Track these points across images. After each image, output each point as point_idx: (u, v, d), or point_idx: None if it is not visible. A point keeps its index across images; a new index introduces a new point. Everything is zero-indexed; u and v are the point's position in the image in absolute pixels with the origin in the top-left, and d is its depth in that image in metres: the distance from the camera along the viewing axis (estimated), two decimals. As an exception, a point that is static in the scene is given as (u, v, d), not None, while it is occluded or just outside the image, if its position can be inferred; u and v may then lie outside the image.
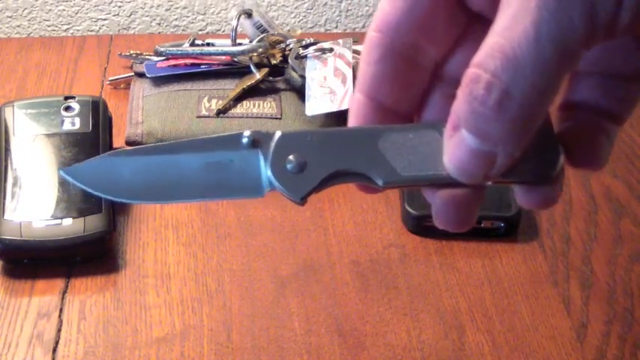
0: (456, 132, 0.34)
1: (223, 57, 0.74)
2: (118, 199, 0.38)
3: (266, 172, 0.37)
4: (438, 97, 0.39)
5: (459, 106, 0.33)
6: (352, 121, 0.39)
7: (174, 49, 0.74)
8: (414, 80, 0.38)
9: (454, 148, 0.34)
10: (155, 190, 0.38)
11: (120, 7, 0.91)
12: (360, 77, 0.38)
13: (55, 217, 0.59)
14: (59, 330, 0.55)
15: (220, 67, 0.74)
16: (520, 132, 0.33)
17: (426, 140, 0.36)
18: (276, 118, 0.70)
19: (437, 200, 0.37)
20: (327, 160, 0.37)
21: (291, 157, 0.36)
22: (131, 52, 0.78)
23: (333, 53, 0.73)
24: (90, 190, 0.38)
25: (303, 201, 0.37)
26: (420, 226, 0.63)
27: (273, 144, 0.37)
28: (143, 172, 0.37)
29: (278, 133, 0.37)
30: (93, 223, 0.59)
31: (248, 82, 0.72)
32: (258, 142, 0.37)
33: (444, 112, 0.35)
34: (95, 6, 0.91)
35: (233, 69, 0.74)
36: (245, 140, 0.37)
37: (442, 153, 0.36)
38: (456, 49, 0.39)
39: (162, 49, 0.74)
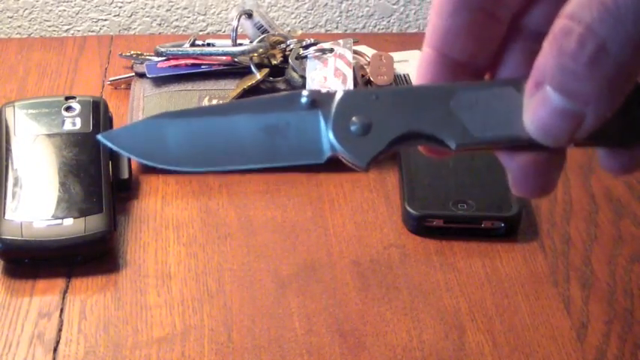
0: (540, 89, 0.31)
1: (224, 57, 0.74)
2: (166, 166, 0.35)
3: (327, 134, 0.34)
4: (516, 52, 0.36)
5: (545, 60, 0.31)
6: (420, 78, 0.36)
7: (175, 49, 0.75)
8: (490, 33, 0.35)
9: (537, 107, 0.32)
10: (205, 156, 0.35)
11: (120, 7, 0.91)
12: (431, 31, 0.35)
13: (55, 217, 0.59)
14: (60, 330, 0.55)
15: (221, 68, 0.74)
16: (614, 91, 0.30)
17: (503, 99, 0.33)
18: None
19: (514, 165, 0.35)
20: (394, 121, 0.34)
21: (354, 118, 0.34)
22: (132, 52, 0.78)
23: (333, 54, 0.73)
24: (134, 157, 0.35)
25: (368, 166, 0.34)
26: (421, 226, 0.63)
27: (334, 104, 0.34)
28: (192, 136, 0.35)
29: (340, 92, 0.34)
30: (94, 223, 0.59)
31: (248, 82, 0.72)
32: (317, 102, 0.34)
33: (523, 69, 0.33)
34: (96, 6, 0.91)
35: (233, 69, 0.74)
36: (304, 100, 0.34)
37: (522, 112, 0.33)
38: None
39: (162, 50, 0.75)
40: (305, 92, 0.34)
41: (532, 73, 0.32)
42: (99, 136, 0.36)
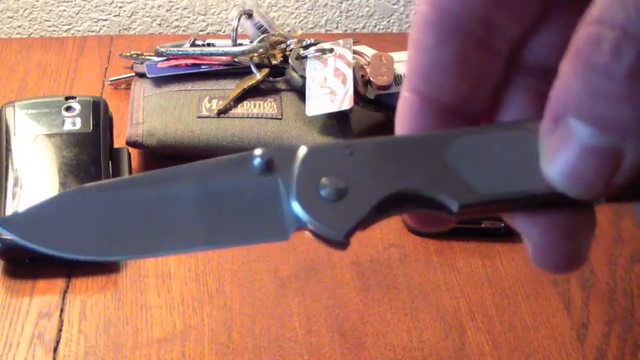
0: (560, 124, 0.25)
1: (224, 57, 0.74)
2: (81, 257, 0.28)
3: (290, 204, 0.27)
4: (517, 93, 0.29)
5: (565, 86, 0.24)
6: (402, 131, 0.29)
7: (175, 49, 0.75)
8: (484, 70, 0.28)
9: (559, 147, 0.25)
10: (130, 240, 0.27)
11: (120, 7, 0.91)
12: (411, 70, 0.28)
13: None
14: (60, 330, 0.55)
15: (221, 68, 0.74)
16: None
17: (511, 143, 0.27)
18: (277, 119, 0.70)
19: (535, 231, 0.27)
20: (376, 180, 0.27)
21: (324, 179, 0.27)
22: (132, 52, 0.78)
23: (333, 54, 0.73)
24: (39, 248, 0.28)
25: (346, 240, 0.26)
26: (421, 226, 0.63)
27: (297, 164, 0.27)
28: (112, 216, 0.27)
29: (303, 149, 0.27)
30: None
31: (249, 82, 0.72)
32: (274, 163, 0.27)
33: (528, 114, 0.27)
34: (96, 6, 0.91)
35: (234, 69, 0.74)
36: (256, 162, 0.27)
37: (537, 159, 0.26)
38: (540, 27, 0.28)
39: (162, 50, 0.74)
40: (258, 152, 0.27)
41: (548, 108, 0.25)
42: None
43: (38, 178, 0.61)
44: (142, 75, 0.75)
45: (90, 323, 0.56)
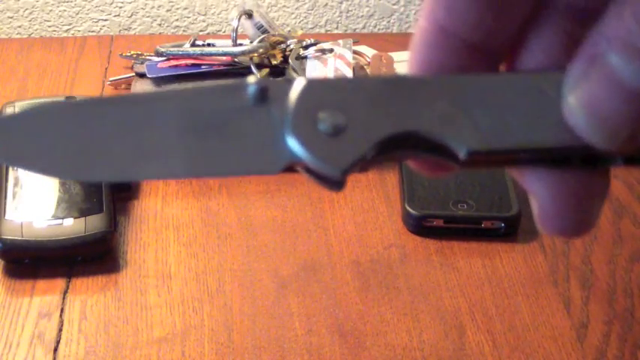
0: (598, 63, 0.22)
1: (224, 57, 0.74)
2: (50, 175, 0.25)
3: (284, 136, 0.24)
4: (546, 31, 0.25)
5: (616, 20, 0.22)
6: (415, 65, 0.26)
7: (175, 49, 0.75)
8: (512, 4, 0.25)
9: (594, 85, 0.23)
10: (109, 162, 0.25)
11: (121, 7, 0.91)
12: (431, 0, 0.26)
13: (56, 217, 0.59)
14: (60, 330, 0.55)
15: (221, 68, 0.74)
16: None
17: (530, 92, 0.24)
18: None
19: (544, 190, 0.25)
20: (378, 117, 0.24)
21: (322, 113, 0.24)
22: (132, 52, 0.78)
23: (333, 54, 0.73)
24: (2, 160, 0.26)
25: (343, 177, 0.25)
26: (421, 226, 0.63)
27: (295, 95, 0.25)
28: (90, 134, 0.25)
29: (300, 81, 0.25)
30: (94, 223, 0.59)
31: (249, 82, 0.72)
32: (269, 93, 0.25)
33: (555, 58, 0.24)
34: (96, 6, 0.91)
35: (234, 69, 0.74)
36: (250, 90, 0.25)
37: (557, 109, 0.24)
38: None
39: (163, 50, 0.75)
40: (252, 80, 0.25)
41: (584, 47, 0.23)
42: None
43: (38, 178, 0.61)
44: (142, 75, 0.75)
45: (90, 323, 0.56)
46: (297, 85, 0.25)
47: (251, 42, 0.74)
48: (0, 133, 0.25)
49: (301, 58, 0.73)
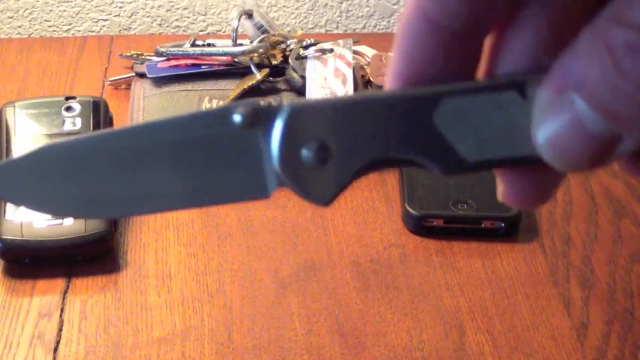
0: (564, 98, 0.24)
1: (224, 57, 0.74)
2: (53, 214, 0.28)
3: (272, 163, 0.26)
4: (529, 20, 0.26)
5: (584, 66, 0.23)
6: (400, 52, 0.26)
7: (175, 49, 0.75)
8: None
9: (558, 123, 0.24)
10: (109, 199, 0.26)
11: (121, 7, 0.91)
12: None
13: (56, 217, 0.59)
14: (60, 330, 0.55)
15: (221, 68, 0.74)
16: None
17: (502, 106, 0.26)
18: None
19: (507, 177, 0.27)
20: (359, 144, 0.26)
21: (307, 142, 0.26)
22: (132, 52, 0.78)
23: (333, 54, 0.73)
24: (10, 201, 0.28)
25: (329, 204, 0.27)
26: (421, 226, 0.63)
27: (280, 123, 0.26)
28: (89, 173, 0.26)
29: (286, 107, 0.26)
30: (94, 223, 0.59)
31: (249, 82, 0.72)
32: (256, 119, 0.26)
33: (533, 44, 0.25)
34: (96, 7, 0.91)
35: (234, 69, 0.74)
36: (237, 118, 0.26)
37: (528, 124, 0.25)
38: None
39: (163, 50, 0.75)
40: (238, 107, 0.26)
41: (554, 74, 0.24)
42: None
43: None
44: (142, 75, 0.75)
45: (90, 323, 0.56)
46: (283, 111, 0.26)
47: (251, 42, 0.74)
48: (7, 176, 0.27)
49: (301, 58, 0.73)
